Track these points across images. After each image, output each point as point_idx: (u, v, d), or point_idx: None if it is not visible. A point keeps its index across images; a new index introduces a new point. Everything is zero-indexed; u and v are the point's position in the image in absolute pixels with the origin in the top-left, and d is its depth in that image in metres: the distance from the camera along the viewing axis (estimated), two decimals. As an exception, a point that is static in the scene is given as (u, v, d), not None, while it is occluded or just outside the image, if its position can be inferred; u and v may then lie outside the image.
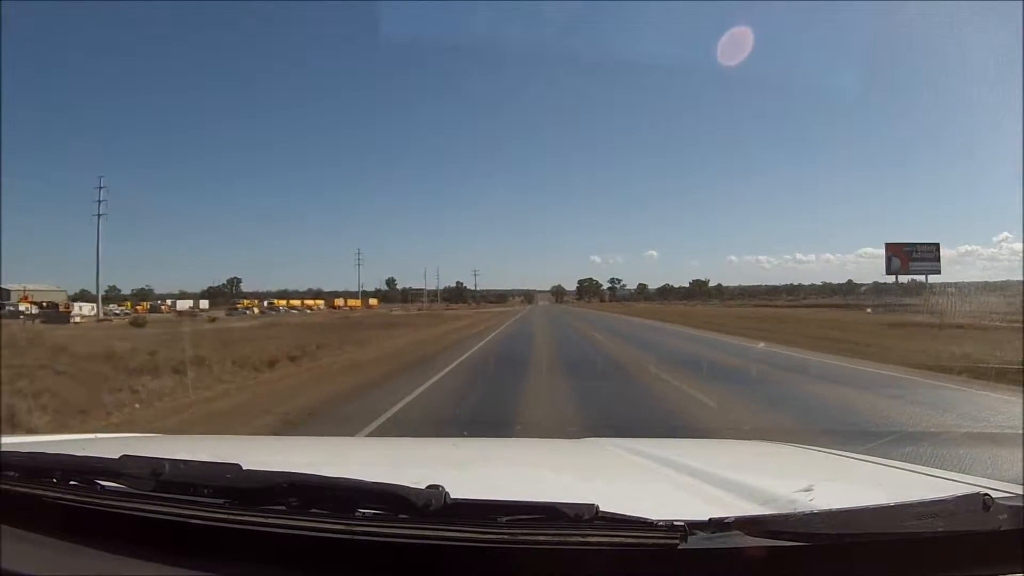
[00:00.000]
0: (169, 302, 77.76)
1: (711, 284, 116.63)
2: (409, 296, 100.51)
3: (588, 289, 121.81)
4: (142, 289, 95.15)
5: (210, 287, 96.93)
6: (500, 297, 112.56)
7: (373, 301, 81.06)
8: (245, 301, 74.21)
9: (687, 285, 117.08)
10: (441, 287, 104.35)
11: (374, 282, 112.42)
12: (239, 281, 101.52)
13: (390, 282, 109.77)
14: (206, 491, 0.93)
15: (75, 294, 68.36)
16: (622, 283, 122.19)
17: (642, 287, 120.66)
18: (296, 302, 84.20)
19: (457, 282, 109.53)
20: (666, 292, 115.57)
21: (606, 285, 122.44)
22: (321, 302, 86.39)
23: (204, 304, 76.37)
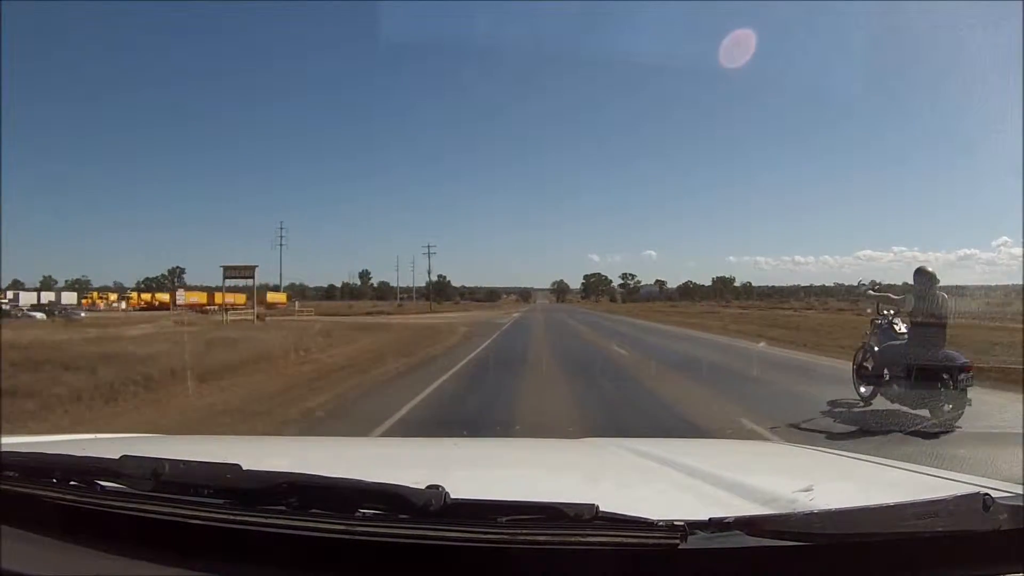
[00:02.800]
0: (10, 295, 54.43)
1: (737, 283, 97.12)
2: (382, 293, 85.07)
3: (595, 286, 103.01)
4: (78, 280, 77.67)
5: (147, 278, 77.24)
6: (491, 295, 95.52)
7: (278, 296, 55.65)
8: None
9: (709, 283, 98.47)
10: (423, 282, 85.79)
11: (342, 275, 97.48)
12: (182, 271, 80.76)
13: (364, 275, 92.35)
14: (206, 491, 0.93)
15: None
16: (636, 279, 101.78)
17: (660, 284, 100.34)
18: (163, 296, 58.33)
19: (439, 275, 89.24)
20: (688, 291, 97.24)
21: (617, 281, 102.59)
22: (157, 297, 58.66)
23: (69, 297, 58.68)
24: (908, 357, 6.29)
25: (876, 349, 6.92)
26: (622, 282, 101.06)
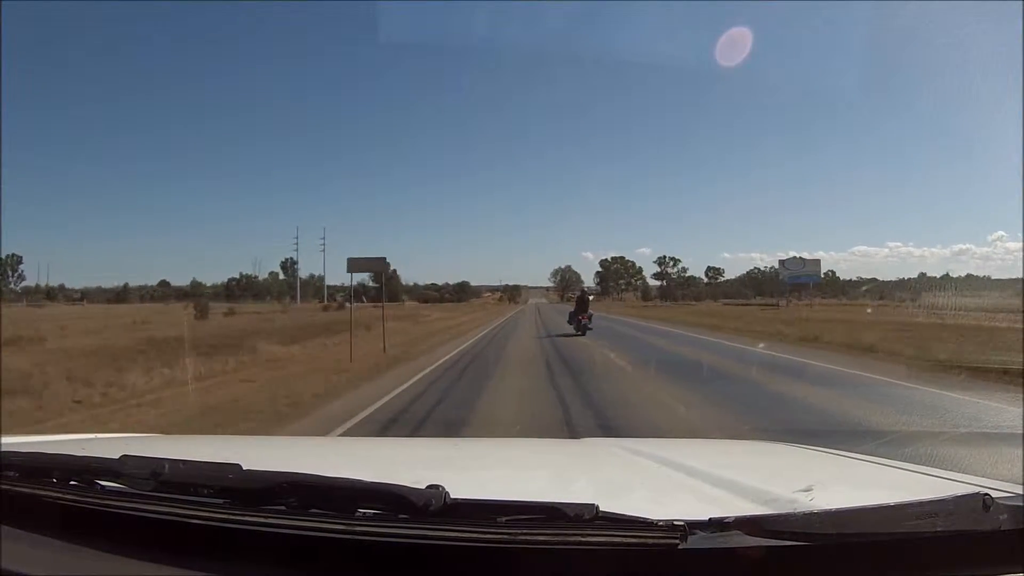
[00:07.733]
0: None
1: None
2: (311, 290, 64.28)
3: (616, 276, 71.00)
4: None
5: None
6: (459, 292, 71.21)
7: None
8: None
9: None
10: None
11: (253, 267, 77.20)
12: (19, 260, 56.92)
13: (285, 265, 66.77)
14: (206, 491, 0.93)
15: None
16: (680, 266, 69.07)
17: (716, 273, 69.54)
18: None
19: (392, 268, 65.85)
20: (756, 282, 72.27)
21: (651, 271, 70.38)
22: None
23: None
24: (574, 313, 20.61)
25: (571, 312, 21.27)
26: (658, 271, 67.09)
